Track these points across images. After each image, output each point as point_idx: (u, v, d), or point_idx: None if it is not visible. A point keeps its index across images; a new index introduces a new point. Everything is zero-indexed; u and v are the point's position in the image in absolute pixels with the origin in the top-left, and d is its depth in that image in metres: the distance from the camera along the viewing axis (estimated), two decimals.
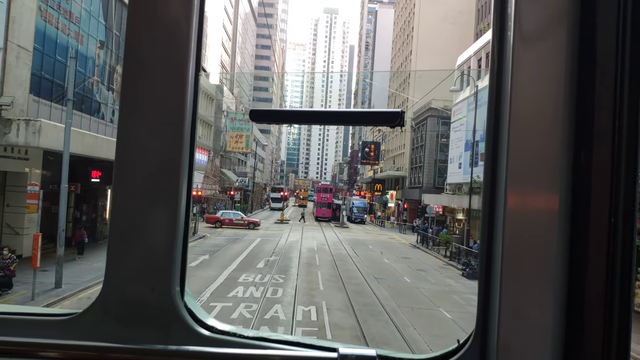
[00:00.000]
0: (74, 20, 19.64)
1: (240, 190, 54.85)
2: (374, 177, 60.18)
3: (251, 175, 58.73)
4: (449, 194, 35.87)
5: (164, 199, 1.15)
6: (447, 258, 26.28)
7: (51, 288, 14.01)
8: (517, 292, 0.99)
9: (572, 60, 0.97)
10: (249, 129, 48.57)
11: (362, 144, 63.27)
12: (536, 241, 0.98)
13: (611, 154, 0.94)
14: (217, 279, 16.21)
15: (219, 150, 48.91)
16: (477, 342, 1.08)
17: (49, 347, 1.10)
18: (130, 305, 1.16)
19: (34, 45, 16.85)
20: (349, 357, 1.02)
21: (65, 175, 14.67)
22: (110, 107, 23.69)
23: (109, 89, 23.45)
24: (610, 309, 0.93)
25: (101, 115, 22.70)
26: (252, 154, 60.17)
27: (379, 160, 62.78)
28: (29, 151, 17.23)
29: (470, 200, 24.93)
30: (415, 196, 44.97)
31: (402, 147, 55.29)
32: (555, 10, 0.98)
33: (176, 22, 1.16)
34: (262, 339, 1.17)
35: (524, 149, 0.99)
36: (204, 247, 23.76)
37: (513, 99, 1.00)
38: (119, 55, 24.18)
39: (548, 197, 0.98)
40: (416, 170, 47.16)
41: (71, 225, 22.86)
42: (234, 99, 56.11)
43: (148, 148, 1.15)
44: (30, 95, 16.86)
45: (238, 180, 52.44)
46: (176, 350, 1.12)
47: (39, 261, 13.09)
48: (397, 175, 54.63)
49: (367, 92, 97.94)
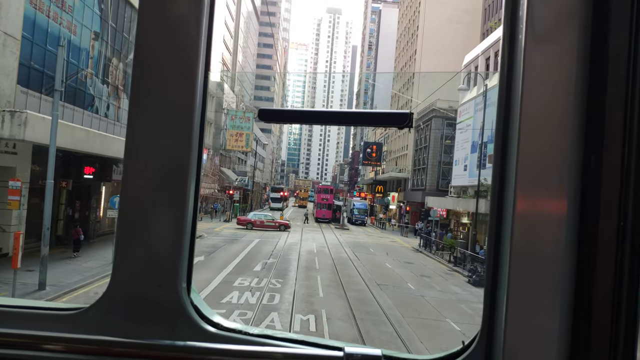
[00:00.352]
0: (66, 9, 18.78)
1: (240, 189, 54.01)
2: (375, 178, 59.28)
3: (251, 175, 57.85)
4: (453, 197, 34.97)
5: (172, 196, 1.16)
6: (451, 263, 25.39)
7: (34, 290, 13.18)
8: (524, 295, 0.98)
9: (583, 61, 0.96)
10: (249, 127, 47.64)
11: (364, 144, 62.41)
12: (544, 244, 0.97)
13: (621, 157, 0.93)
14: (211, 282, 15.34)
15: (218, 149, 48.08)
16: (482, 343, 1.07)
17: (55, 340, 1.11)
18: (136, 300, 1.17)
19: (23, 34, 16.00)
20: (355, 356, 1.02)
21: (51, 170, 13.85)
22: (105, 101, 22.84)
23: (104, 82, 22.59)
24: (617, 314, 0.92)
25: (95, 109, 21.83)
26: (252, 152, 59.35)
27: (380, 161, 61.92)
28: (18, 145, 16.38)
29: (477, 204, 24.02)
30: (418, 198, 44.10)
31: (405, 148, 54.41)
32: (566, 11, 0.97)
33: (186, 21, 1.16)
34: (268, 337, 1.18)
35: (533, 151, 0.98)
36: (200, 248, 22.88)
37: (524, 100, 0.98)
38: (115, 47, 23.34)
39: (557, 199, 0.97)
40: (419, 172, 46.28)
41: (62, 223, 22.05)
42: (234, 97, 55.22)
43: (156, 146, 1.15)
44: (18, 86, 16.01)
45: (238, 180, 51.59)
46: (182, 346, 1.12)
47: (19, 261, 12.22)
48: (400, 176, 53.77)
49: (370, 92, 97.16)
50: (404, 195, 50.57)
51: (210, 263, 19.20)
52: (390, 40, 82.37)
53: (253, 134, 50.41)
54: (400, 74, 64.44)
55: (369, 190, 72.07)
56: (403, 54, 63.20)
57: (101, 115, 22.40)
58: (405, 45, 62.10)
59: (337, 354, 1.05)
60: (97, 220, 24.19)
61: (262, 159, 74.05)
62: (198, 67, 1.16)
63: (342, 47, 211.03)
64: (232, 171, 53.15)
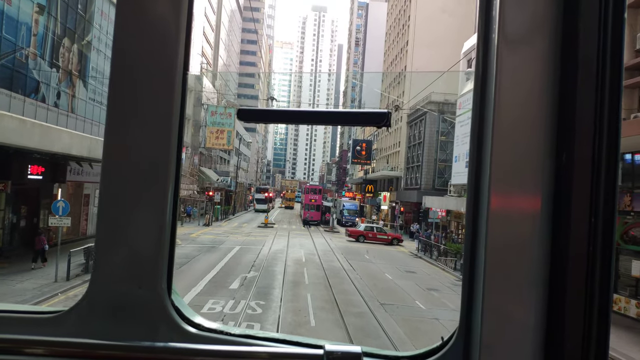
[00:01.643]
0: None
1: (222, 190, 50.66)
2: (366, 177, 56.32)
3: (234, 175, 54.46)
4: (454, 196, 32.10)
5: (151, 196, 1.15)
6: (457, 271, 22.51)
7: None
8: (499, 291, 1.01)
9: (554, 63, 0.99)
10: (231, 124, 44.15)
11: (352, 142, 59.39)
12: (519, 241, 1.00)
13: (592, 155, 0.96)
14: None
15: (198, 147, 44.62)
16: (460, 339, 1.09)
17: (35, 343, 1.10)
18: (117, 302, 1.16)
19: None
20: (335, 354, 1.03)
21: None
22: (54, 88, 19.40)
23: (52, 65, 19.14)
24: (590, 307, 0.95)
25: (41, 96, 18.39)
26: (235, 151, 55.90)
27: (371, 159, 59.07)
28: None
29: None
30: (413, 198, 41.28)
31: (396, 145, 51.56)
32: (538, 14, 1.00)
33: (165, 19, 1.15)
34: (249, 337, 1.18)
35: (507, 151, 1.01)
36: None
37: (497, 101, 1.01)
38: (67, 26, 19.93)
39: (530, 197, 0.99)
40: (413, 170, 43.42)
41: (1, 232, 18.58)
42: (215, 93, 51.67)
43: (135, 146, 1.15)
44: None
45: (219, 180, 48.20)
46: (164, 347, 1.12)
47: None
48: (391, 175, 50.91)
49: (357, 89, 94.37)
50: (396, 194, 47.71)
51: (177, 279, 15.89)
52: (379, 35, 79.63)
53: (235, 131, 46.95)
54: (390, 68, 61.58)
55: (358, 189, 69.24)
56: (393, 47, 60.15)
57: (49, 105, 18.96)
58: (396, 37, 59.12)
59: (317, 352, 1.05)
60: (48, 228, 20.72)
61: (246, 158, 70.58)
62: (177, 65, 1.14)
63: (327, 46, 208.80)
64: (214, 171, 49.71)
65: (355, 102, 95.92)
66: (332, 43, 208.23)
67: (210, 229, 34.89)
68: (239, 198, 60.88)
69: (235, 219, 47.42)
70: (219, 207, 42.64)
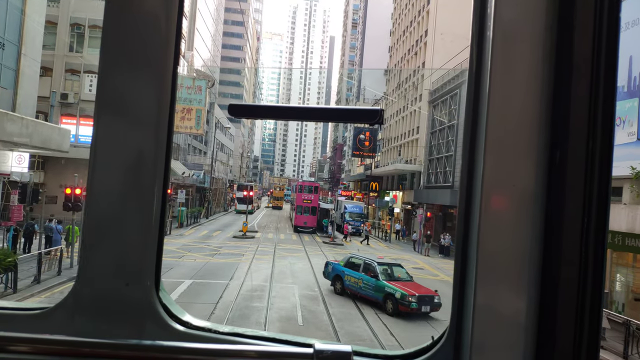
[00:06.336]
0: None
1: (192, 187, 40.31)
2: (371, 173, 46.34)
3: (208, 169, 44.17)
4: None
5: (139, 193, 1.14)
6: None
7: None
8: (491, 291, 1.00)
9: (549, 60, 0.99)
10: (201, 100, 33.74)
11: (354, 130, 49.47)
12: (511, 239, 0.99)
13: (585, 155, 0.96)
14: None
15: None
16: (451, 339, 1.09)
17: (19, 340, 1.06)
18: (104, 299, 1.15)
19: None
20: (325, 353, 1.02)
21: None
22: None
23: None
24: (581, 308, 0.95)
25: None
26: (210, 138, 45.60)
27: (376, 151, 49.19)
28: None
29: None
30: (438, 200, 31.50)
31: (412, 132, 41.68)
32: (533, 12, 1.00)
33: (154, 14, 1.14)
34: (238, 335, 1.17)
35: (500, 148, 1.00)
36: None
37: (491, 98, 1.01)
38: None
39: (523, 196, 0.99)
40: (440, 162, 33.55)
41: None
42: (185, 63, 41.36)
43: (123, 143, 1.14)
44: None
45: (188, 174, 37.94)
46: (151, 345, 1.10)
47: None
48: (405, 169, 41.05)
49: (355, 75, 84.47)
50: (413, 194, 37.87)
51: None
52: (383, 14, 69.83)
53: (206, 110, 36.60)
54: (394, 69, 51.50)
55: (357, 188, 59.42)
56: (408, 10, 49.84)
57: None
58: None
59: (307, 351, 1.04)
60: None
61: (226, 149, 60.26)
62: (166, 60, 1.13)
63: (319, 37, 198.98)
64: (182, 163, 39.34)
65: (351, 90, 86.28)
66: (324, 34, 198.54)
67: (168, 239, 24.66)
68: (216, 197, 50.55)
69: (207, 224, 37.11)
70: (184, 209, 32.35)
